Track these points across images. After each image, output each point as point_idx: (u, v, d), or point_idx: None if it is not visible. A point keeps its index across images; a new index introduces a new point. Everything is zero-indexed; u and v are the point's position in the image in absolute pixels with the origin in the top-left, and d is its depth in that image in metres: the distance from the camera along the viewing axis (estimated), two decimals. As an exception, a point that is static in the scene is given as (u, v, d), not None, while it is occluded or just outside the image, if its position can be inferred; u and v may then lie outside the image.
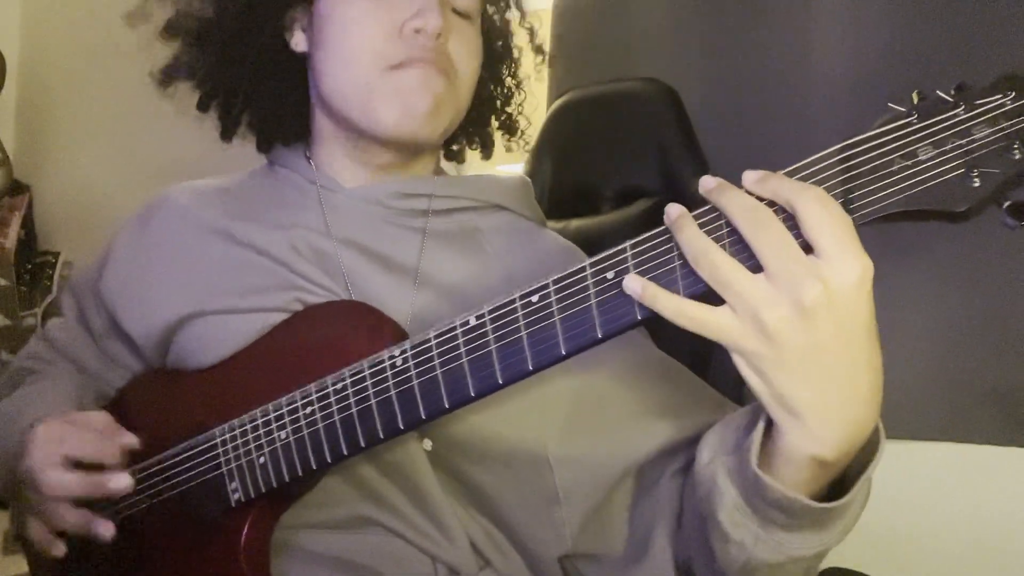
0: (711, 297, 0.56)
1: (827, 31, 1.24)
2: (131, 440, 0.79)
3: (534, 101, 1.04)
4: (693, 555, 0.70)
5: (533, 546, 0.78)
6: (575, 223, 1.15)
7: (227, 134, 0.95)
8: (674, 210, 0.57)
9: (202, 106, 0.94)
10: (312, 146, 0.93)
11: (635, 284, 0.57)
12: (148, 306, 0.88)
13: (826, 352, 0.54)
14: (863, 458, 0.60)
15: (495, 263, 0.85)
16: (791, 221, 0.53)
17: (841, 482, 0.61)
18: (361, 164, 0.89)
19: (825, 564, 0.94)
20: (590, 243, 1.09)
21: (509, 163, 1.50)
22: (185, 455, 0.78)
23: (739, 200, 0.55)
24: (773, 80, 1.29)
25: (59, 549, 0.79)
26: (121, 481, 0.76)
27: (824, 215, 0.52)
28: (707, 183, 0.56)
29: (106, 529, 0.77)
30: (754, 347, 0.54)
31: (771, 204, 0.54)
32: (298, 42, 0.90)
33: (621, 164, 1.17)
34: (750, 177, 0.55)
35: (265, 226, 0.87)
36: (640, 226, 1.10)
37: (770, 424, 0.59)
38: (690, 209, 0.57)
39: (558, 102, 1.27)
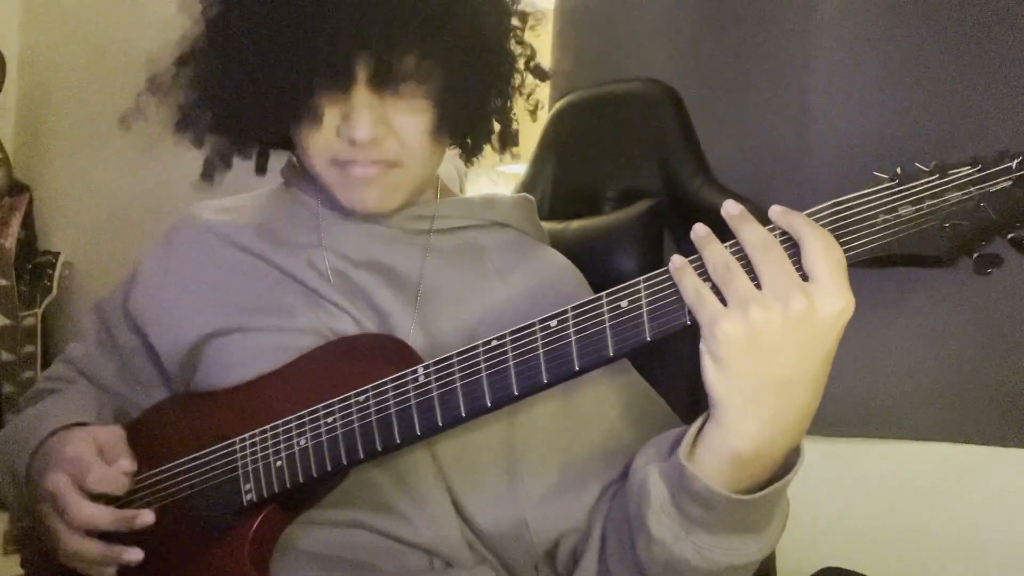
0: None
1: (827, 28, 1.24)
2: (127, 465, 0.81)
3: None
4: (614, 569, 0.74)
5: (508, 558, 0.82)
6: (576, 223, 1.15)
7: (261, 169, 0.95)
8: (701, 229, 0.64)
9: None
10: None
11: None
12: (175, 324, 0.90)
13: (786, 361, 0.60)
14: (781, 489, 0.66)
15: (495, 278, 0.88)
16: (795, 255, 0.61)
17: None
18: None
19: (825, 563, 0.94)
20: (591, 243, 1.10)
21: (510, 164, 1.50)
22: (203, 459, 0.80)
23: (754, 228, 0.62)
24: (773, 79, 1.30)
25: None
26: (147, 517, 0.78)
27: (824, 250, 0.60)
28: (731, 209, 0.64)
29: (135, 554, 0.78)
30: (731, 329, 0.60)
31: (783, 235, 0.62)
32: None
33: (622, 165, 1.18)
34: (776, 209, 0.63)
35: (284, 245, 0.89)
36: (641, 227, 1.10)
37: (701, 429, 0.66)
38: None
39: (559, 103, 1.27)
